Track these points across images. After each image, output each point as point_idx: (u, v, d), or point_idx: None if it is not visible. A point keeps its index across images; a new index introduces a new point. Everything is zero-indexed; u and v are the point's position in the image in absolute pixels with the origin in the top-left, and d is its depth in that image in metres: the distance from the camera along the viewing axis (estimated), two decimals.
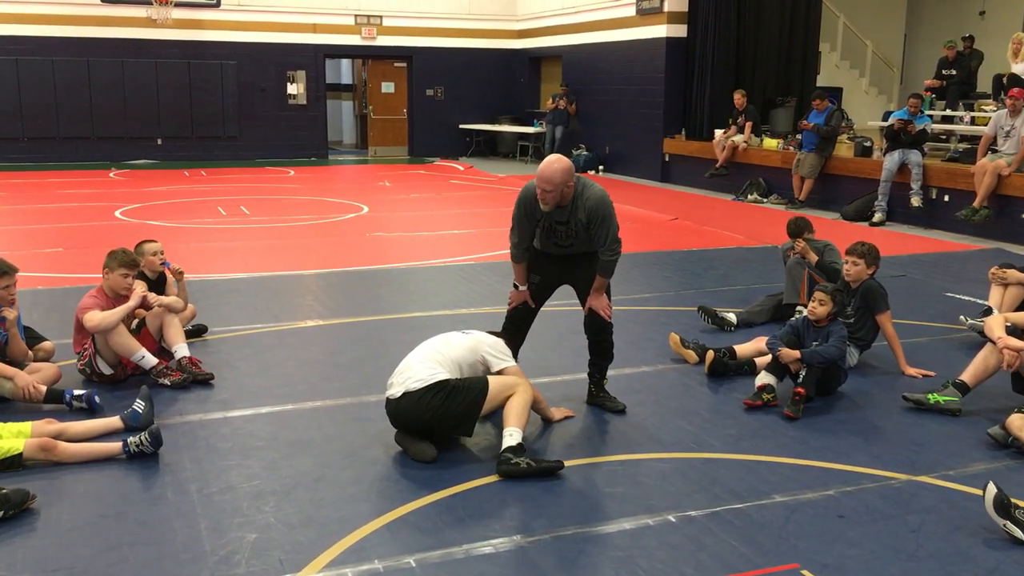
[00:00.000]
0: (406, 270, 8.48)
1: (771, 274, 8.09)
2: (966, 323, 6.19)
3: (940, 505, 3.75)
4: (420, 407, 4.06)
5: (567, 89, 18.47)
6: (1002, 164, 10.14)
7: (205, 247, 9.42)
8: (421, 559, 3.28)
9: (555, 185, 4.34)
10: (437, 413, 4.05)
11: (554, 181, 4.33)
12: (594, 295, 4.65)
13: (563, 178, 4.34)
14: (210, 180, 15.91)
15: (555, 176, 4.32)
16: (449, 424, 4.12)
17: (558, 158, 4.42)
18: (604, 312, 4.66)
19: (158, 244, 5.73)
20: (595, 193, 4.48)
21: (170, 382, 5.04)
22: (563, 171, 4.35)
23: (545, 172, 4.34)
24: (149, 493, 3.83)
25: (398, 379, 4.19)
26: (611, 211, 4.50)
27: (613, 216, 4.51)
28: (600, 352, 4.81)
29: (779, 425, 4.64)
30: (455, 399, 4.06)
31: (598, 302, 4.65)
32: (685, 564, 3.26)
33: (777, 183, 13.57)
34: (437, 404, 4.04)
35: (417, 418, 4.10)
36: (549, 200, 4.39)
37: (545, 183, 4.34)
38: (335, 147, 23.10)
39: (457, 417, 4.09)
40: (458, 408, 4.07)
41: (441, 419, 4.07)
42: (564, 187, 4.37)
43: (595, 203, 4.45)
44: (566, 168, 4.37)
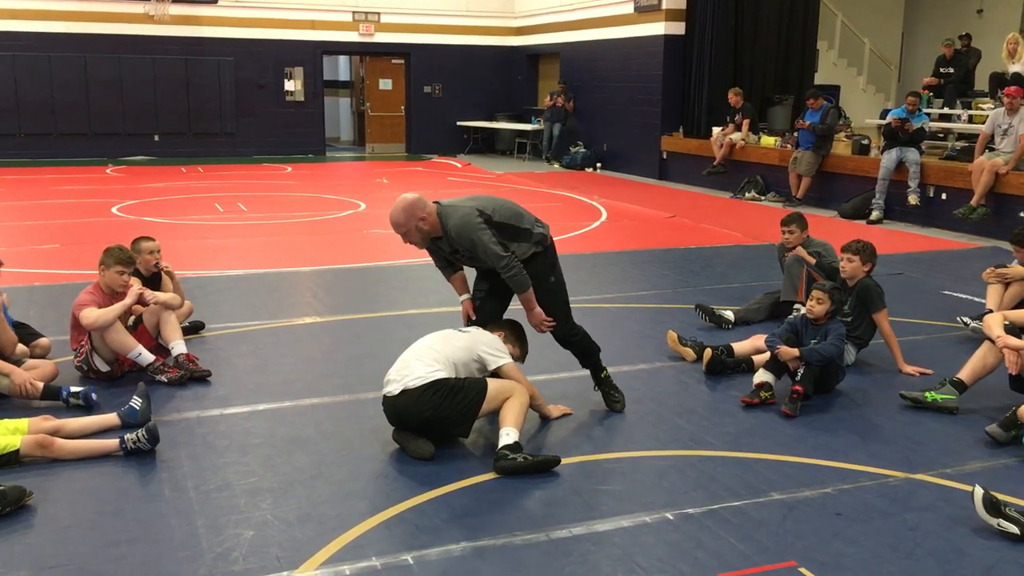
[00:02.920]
0: (403, 267, 8.47)
1: (769, 272, 8.09)
2: (968, 326, 6.19)
3: (938, 503, 3.76)
4: (419, 405, 4.05)
5: (565, 86, 18.46)
6: (999, 162, 10.15)
7: (202, 244, 9.41)
8: (419, 556, 3.27)
9: (402, 225, 4.24)
10: (436, 412, 4.05)
11: (399, 222, 4.23)
12: (527, 312, 4.49)
13: (407, 217, 4.22)
14: (207, 177, 15.89)
15: (398, 217, 4.23)
16: (447, 423, 4.11)
17: (401, 198, 4.28)
18: (539, 327, 4.50)
19: (155, 242, 5.72)
20: (456, 221, 4.26)
21: (167, 379, 5.04)
22: (404, 210, 4.22)
23: (391, 216, 4.26)
24: (146, 490, 3.83)
25: (396, 376, 4.17)
26: (476, 232, 4.24)
27: (482, 235, 4.24)
28: (578, 354, 4.77)
29: (777, 423, 4.64)
30: (454, 399, 4.05)
31: (532, 318, 4.49)
32: (683, 562, 3.26)
33: (775, 181, 13.58)
34: (436, 403, 4.03)
35: (415, 416, 4.09)
36: (411, 240, 4.31)
37: (394, 226, 4.27)
38: (332, 144, 23.08)
39: (456, 417, 4.09)
40: (457, 408, 4.06)
41: (440, 418, 4.07)
42: (418, 222, 4.23)
43: (456, 231, 4.26)
44: (408, 206, 4.22)
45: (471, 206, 4.31)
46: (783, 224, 6.52)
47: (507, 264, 4.28)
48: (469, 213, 4.26)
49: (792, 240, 6.45)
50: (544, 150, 19.20)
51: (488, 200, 4.47)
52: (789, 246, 6.47)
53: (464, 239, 4.25)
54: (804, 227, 6.48)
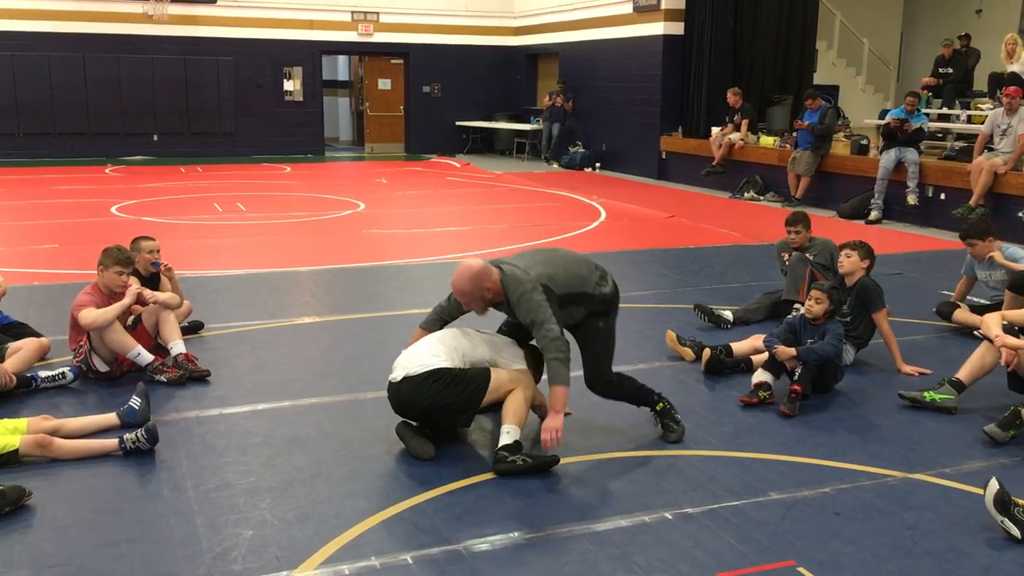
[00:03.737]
0: (403, 267, 8.47)
1: (768, 272, 8.09)
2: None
3: (936, 502, 3.76)
4: (419, 392, 4.05)
5: (564, 86, 18.46)
6: (998, 163, 10.16)
7: (201, 243, 9.41)
8: (418, 556, 3.27)
9: (467, 294, 4.06)
10: (435, 400, 4.04)
11: (463, 290, 4.06)
12: (549, 410, 3.98)
13: (472, 287, 4.02)
14: (206, 176, 15.89)
15: (463, 285, 4.04)
16: (447, 413, 4.11)
17: (466, 265, 4.05)
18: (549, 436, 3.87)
19: (155, 242, 5.71)
20: (517, 296, 4.01)
21: (166, 379, 5.04)
22: (470, 280, 4.02)
23: (455, 283, 4.07)
24: (145, 490, 3.83)
25: (401, 363, 4.17)
26: (537, 313, 3.95)
27: (542, 314, 3.95)
28: (626, 400, 4.49)
29: (775, 423, 4.64)
30: (455, 388, 4.04)
31: (550, 419, 3.92)
32: (682, 561, 3.27)
33: (774, 181, 13.58)
34: (436, 391, 4.02)
35: (415, 403, 4.09)
36: (473, 307, 4.14)
37: (457, 293, 4.11)
38: (332, 144, 23.08)
39: (456, 407, 4.08)
40: (458, 398, 4.05)
41: (439, 407, 4.06)
42: (483, 292, 4.04)
43: (517, 304, 4.02)
44: (474, 275, 4.02)
45: (534, 278, 4.03)
46: (789, 224, 6.47)
47: (552, 345, 3.95)
48: (532, 290, 4.00)
49: (798, 240, 6.44)
50: (543, 150, 19.20)
51: (551, 263, 4.18)
52: (793, 246, 6.46)
53: (524, 314, 4.03)
54: (809, 227, 6.48)
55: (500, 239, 9.88)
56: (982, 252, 6.27)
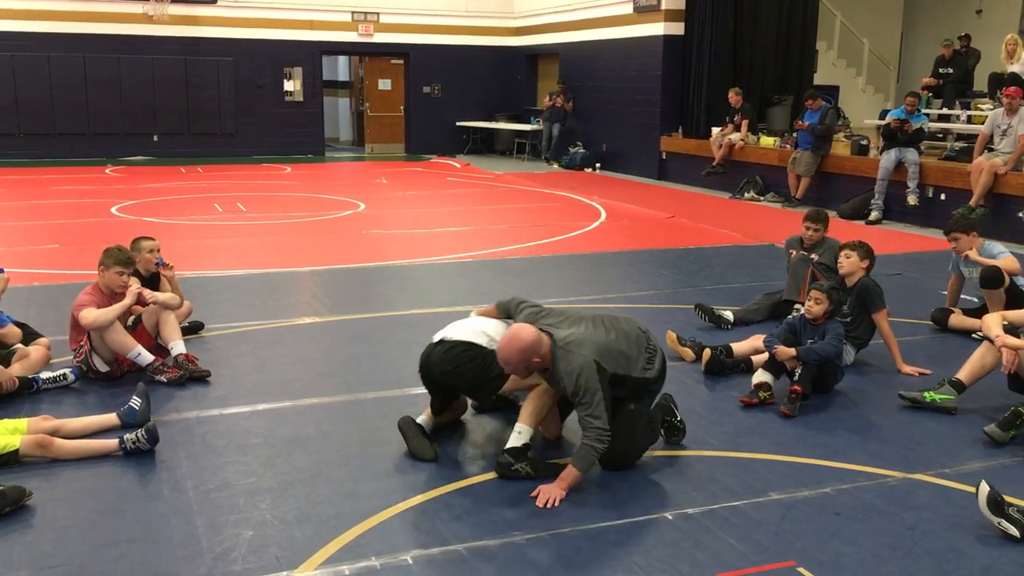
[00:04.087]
0: (403, 267, 8.47)
1: (768, 272, 8.10)
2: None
3: (936, 503, 3.76)
4: (446, 358, 4.11)
5: (564, 87, 18.46)
6: (998, 163, 10.16)
7: (201, 244, 9.41)
8: (418, 556, 3.28)
9: (512, 365, 3.81)
10: (459, 368, 4.08)
11: (509, 362, 3.80)
12: (557, 482, 3.77)
13: (519, 359, 3.77)
14: (206, 177, 15.89)
15: (510, 357, 3.78)
16: (464, 383, 4.14)
17: (517, 336, 3.77)
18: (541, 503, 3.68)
19: (155, 242, 5.71)
20: (569, 368, 3.77)
21: (167, 379, 5.04)
22: (519, 352, 3.75)
23: (502, 352, 3.80)
24: (146, 490, 3.83)
25: (445, 330, 4.24)
26: (591, 393, 3.73)
27: (595, 396, 3.74)
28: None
29: (776, 423, 4.64)
30: (480, 364, 4.06)
31: (555, 488, 3.74)
32: (682, 562, 3.27)
33: (774, 181, 13.58)
34: (461, 361, 4.07)
35: (441, 366, 4.13)
36: (514, 372, 3.89)
37: (502, 363, 3.84)
38: (332, 144, 23.08)
39: (474, 381, 4.11)
40: (478, 375, 4.08)
41: (459, 375, 4.10)
42: (529, 363, 3.80)
43: (567, 377, 3.77)
44: (525, 348, 3.75)
45: (589, 355, 3.79)
46: (810, 219, 6.45)
47: (595, 442, 3.74)
48: (588, 364, 3.76)
49: (815, 238, 6.43)
50: (543, 150, 19.20)
51: (605, 335, 3.93)
52: (809, 243, 6.46)
53: (572, 386, 3.78)
54: (827, 227, 6.50)
55: (500, 240, 9.88)
56: (964, 248, 6.28)
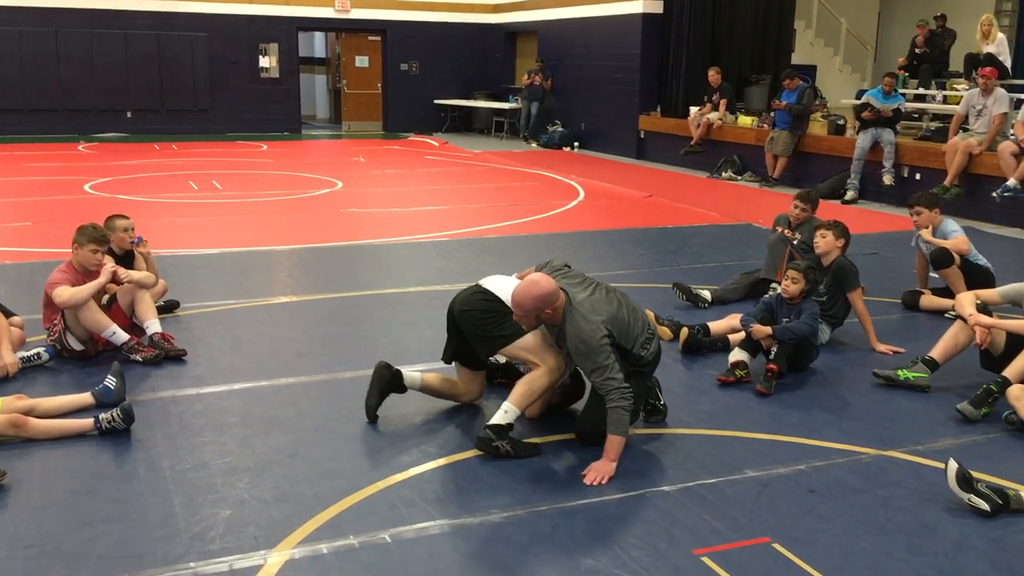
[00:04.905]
0: (381, 246, 8.43)
1: (746, 252, 8.13)
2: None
3: (909, 479, 3.81)
4: (471, 299, 4.16)
5: (543, 65, 18.38)
6: (973, 143, 10.24)
7: (176, 222, 9.32)
8: (396, 534, 3.28)
9: (524, 310, 3.80)
10: (473, 312, 4.13)
11: (524, 306, 3.78)
12: (604, 456, 3.78)
13: (534, 305, 3.76)
14: (181, 154, 15.72)
15: (524, 302, 3.77)
16: (473, 328, 4.14)
17: (534, 282, 3.79)
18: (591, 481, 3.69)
19: (129, 220, 5.65)
20: (577, 330, 3.79)
21: (142, 358, 5.00)
22: (534, 298, 3.75)
23: (517, 296, 3.79)
24: (122, 470, 3.81)
25: (485, 280, 4.29)
26: (598, 355, 3.76)
27: (597, 353, 3.77)
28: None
29: (752, 401, 4.68)
30: (494, 318, 4.07)
31: (602, 464, 3.76)
32: (659, 539, 3.29)
33: (752, 160, 13.62)
34: (481, 307, 4.11)
35: (461, 305, 4.18)
36: (524, 323, 3.89)
37: (514, 306, 3.83)
38: (308, 122, 22.88)
39: (484, 330, 4.11)
40: (491, 325, 4.08)
41: (473, 319, 4.12)
42: (540, 312, 3.80)
43: (574, 340, 3.81)
44: (541, 295, 3.76)
45: (600, 321, 3.80)
46: (801, 199, 6.46)
47: (616, 395, 3.75)
48: (596, 330, 3.77)
49: (802, 217, 6.42)
50: (522, 129, 19.14)
51: (617, 306, 3.94)
52: (795, 222, 6.47)
53: (578, 352, 3.82)
54: (816, 209, 6.52)
55: (478, 218, 9.86)
56: (925, 223, 6.35)
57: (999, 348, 4.68)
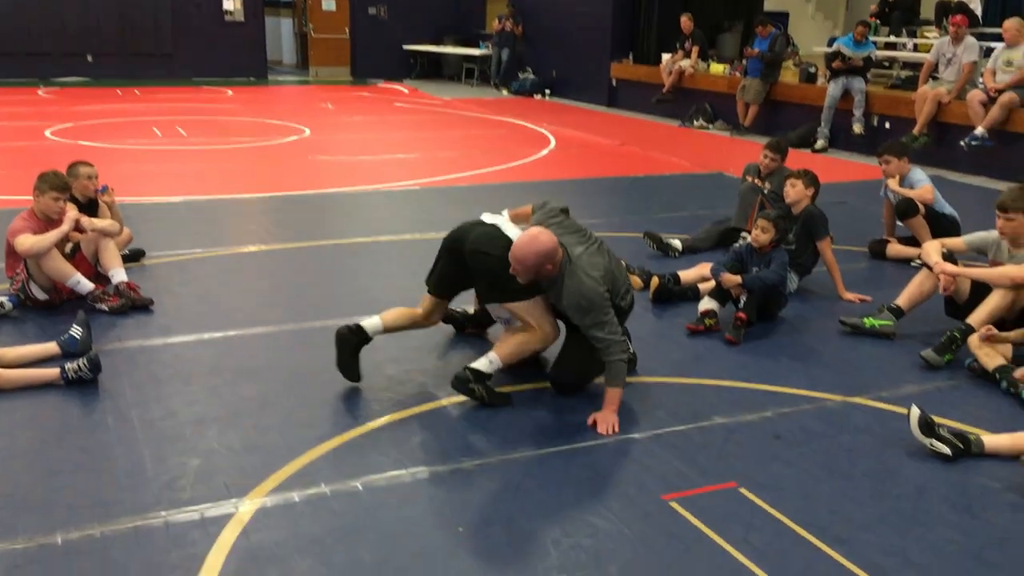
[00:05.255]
0: (350, 194, 8.35)
1: (716, 201, 8.14)
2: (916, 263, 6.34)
3: (873, 425, 3.88)
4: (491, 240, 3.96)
5: (513, 10, 18.11)
6: (942, 92, 10.26)
7: (141, 169, 9.15)
8: (368, 482, 3.29)
9: (524, 265, 3.73)
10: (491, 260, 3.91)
11: (525, 262, 3.72)
12: (604, 408, 3.82)
13: (536, 261, 3.71)
14: (144, 99, 15.39)
15: (526, 258, 3.70)
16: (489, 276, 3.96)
17: (536, 238, 3.72)
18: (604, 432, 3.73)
19: (92, 168, 5.53)
20: (575, 288, 3.76)
21: (108, 307, 4.94)
22: (536, 255, 3.69)
23: (518, 251, 3.72)
24: (89, 419, 3.78)
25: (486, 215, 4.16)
26: (594, 304, 3.76)
27: (599, 309, 3.77)
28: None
29: (721, 349, 4.72)
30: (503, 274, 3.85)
31: (605, 414, 3.80)
32: (628, 485, 3.33)
33: (723, 109, 13.58)
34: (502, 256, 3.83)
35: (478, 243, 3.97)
36: (521, 277, 3.80)
37: (515, 261, 3.74)
38: (275, 67, 22.44)
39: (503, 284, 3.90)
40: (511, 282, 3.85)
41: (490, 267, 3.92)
42: (541, 269, 3.76)
43: (571, 298, 3.78)
44: (543, 252, 3.70)
45: (598, 277, 3.81)
46: (771, 148, 6.46)
47: (614, 348, 3.78)
48: (597, 286, 3.78)
49: (771, 167, 6.44)
50: (492, 75, 18.90)
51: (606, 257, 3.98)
52: (766, 171, 6.47)
53: (578, 308, 3.78)
54: (785, 158, 6.52)
55: (449, 167, 9.77)
56: (893, 171, 6.40)
57: (963, 296, 4.75)
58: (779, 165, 6.44)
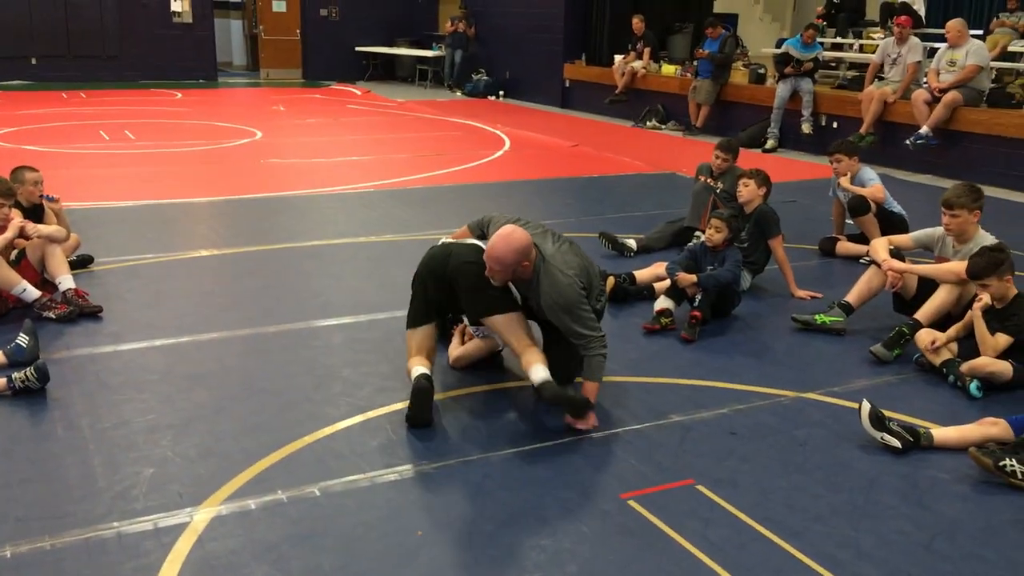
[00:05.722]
0: (303, 198, 8.27)
1: (670, 200, 8.22)
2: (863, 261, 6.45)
3: (826, 420, 3.94)
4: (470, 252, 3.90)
5: (466, 12, 18.11)
6: (888, 91, 10.48)
7: (88, 173, 8.97)
8: (326, 488, 3.27)
9: (502, 263, 3.70)
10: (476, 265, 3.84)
11: (504, 260, 3.69)
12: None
13: (515, 259, 3.70)
14: (90, 103, 15.09)
15: (506, 256, 3.68)
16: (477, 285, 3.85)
17: (511, 236, 3.70)
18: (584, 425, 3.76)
19: (38, 173, 5.41)
20: (551, 286, 3.75)
21: (55, 315, 4.83)
22: (515, 251, 3.68)
23: (496, 250, 3.69)
24: (38, 429, 3.69)
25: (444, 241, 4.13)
26: (575, 309, 3.76)
27: (581, 311, 3.77)
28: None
29: (677, 348, 4.76)
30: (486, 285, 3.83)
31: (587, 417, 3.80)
32: (587, 484, 3.35)
33: (675, 109, 13.71)
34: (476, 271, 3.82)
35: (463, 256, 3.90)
36: (497, 278, 3.79)
37: (494, 260, 3.70)
38: (224, 69, 22.14)
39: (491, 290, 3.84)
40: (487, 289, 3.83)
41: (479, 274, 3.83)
42: (518, 266, 3.74)
43: (548, 297, 3.76)
44: (521, 248, 3.69)
45: (573, 276, 3.80)
46: (721, 148, 6.54)
47: (595, 345, 3.80)
48: (573, 284, 3.77)
49: (723, 167, 6.50)
50: (446, 77, 18.88)
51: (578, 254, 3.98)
52: (718, 171, 6.54)
53: (555, 306, 3.76)
54: (736, 158, 6.61)
55: (403, 169, 9.73)
56: (844, 170, 6.53)
57: (911, 292, 4.85)
58: (731, 165, 6.52)
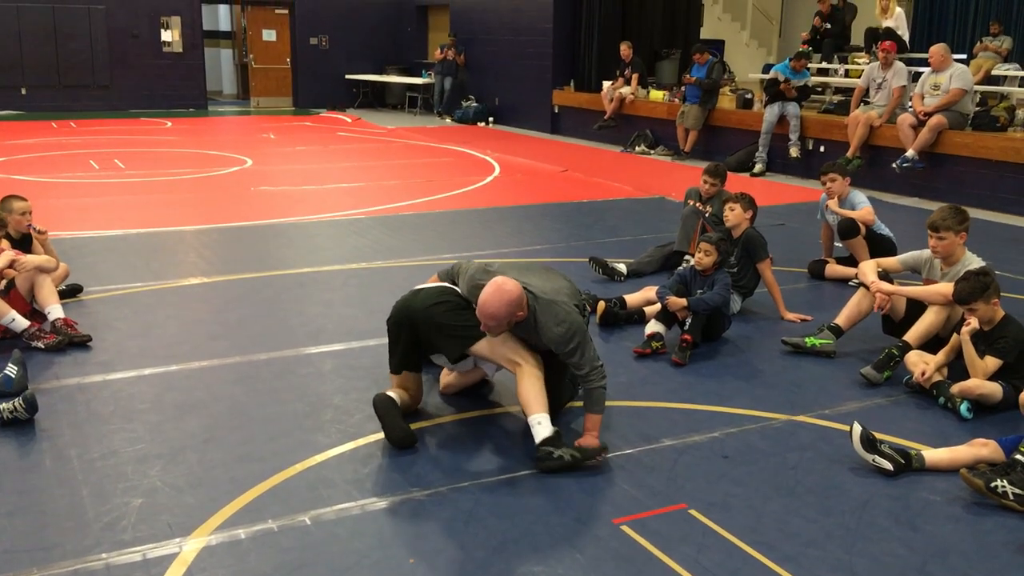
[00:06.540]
0: (293, 225, 8.28)
1: (659, 225, 8.25)
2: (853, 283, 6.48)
3: (817, 442, 3.94)
4: (430, 300, 3.91)
5: (455, 39, 18.24)
6: (873, 116, 10.58)
7: (78, 203, 8.97)
8: (317, 516, 3.25)
9: (499, 320, 3.67)
10: (444, 307, 3.88)
11: (498, 316, 3.65)
12: (585, 435, 3.77)
13: (508, 312, 3.66)
14: (80, 132, 15.11)
15: (499, 311, 3.63)
16: (446, 324, 3.87)
17: (501, 289, 3.65)
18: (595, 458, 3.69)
19: (27, 202, 5.41)
20: (552, 319, 3.73)
21: (44, 345, 4.81)
22: (507, 304, 3.64)
23: (489, 306, 3.62)
24: (26, 460, 3.67)
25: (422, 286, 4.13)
26: (579, 339, 3.74)
27: (586, 346, 3.76)
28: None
29: (668, 371, 4.77)
30: (462, 314, 3.86)
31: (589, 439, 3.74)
32: (579, 509, 3.34)
33: (663, 135, 13.81)
34: (447, 307, 3.88)
35: (429, 300, 3.91)
36: (493, 332, 3.76)
37: (488, 317, 3.65)
38: (215, 98, 22.25)
39: (454, 329, 3.86)
40: (461, 322, 3.85)
41: (444, 313, 3.86)
42: (513, 318, 3.71)
43: (552, 331, 3.73)
44: (513, 301, 3.65)
45: (567, 300, 3.82)
46: (709, 174, 6.61)
47: (602, 381, 3.78)
48: (571, 311, 3.78)
49: (712, 192, 6.57)
50: (435, 104, 18.98)
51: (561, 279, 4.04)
52: (706, 196, 6.59)
53: (559, 338, 3.72)
54: (724, 182, 6.66)
55: (393, 195, 9.76)
56: (836, 191, 6.58)
57: (899, 314, 4.88)
58: (719, 189, 6.57)
